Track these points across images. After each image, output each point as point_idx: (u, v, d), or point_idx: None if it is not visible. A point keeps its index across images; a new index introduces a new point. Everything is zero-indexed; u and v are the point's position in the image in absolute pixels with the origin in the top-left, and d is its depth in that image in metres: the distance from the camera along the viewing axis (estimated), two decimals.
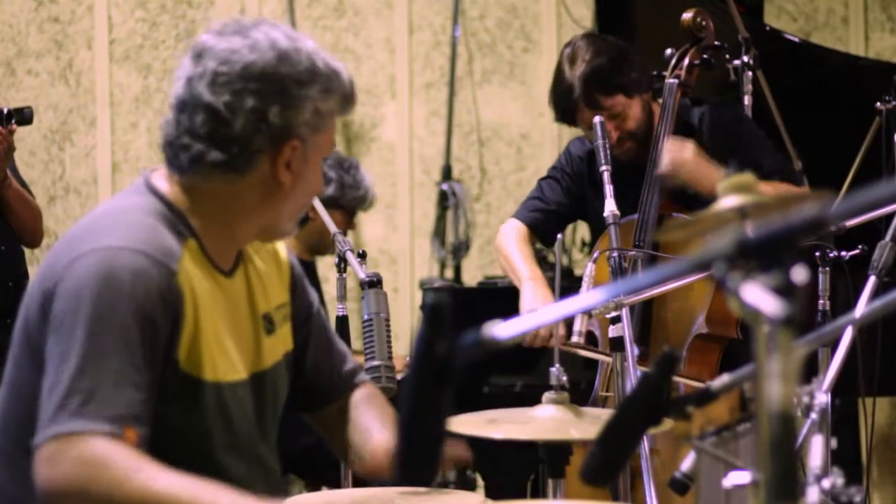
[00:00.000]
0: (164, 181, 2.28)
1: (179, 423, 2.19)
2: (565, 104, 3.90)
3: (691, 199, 3.84)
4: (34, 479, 2.05)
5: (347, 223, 5.02)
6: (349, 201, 5.00)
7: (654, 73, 4.06)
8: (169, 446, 2.15)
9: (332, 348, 2.54)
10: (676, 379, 3.64)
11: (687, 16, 4.09)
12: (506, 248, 4.04)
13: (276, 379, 2.39)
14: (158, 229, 2.20)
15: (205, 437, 2.23)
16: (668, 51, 4.07)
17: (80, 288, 2.11)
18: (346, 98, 2.27)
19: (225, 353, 2.25)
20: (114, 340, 2.08)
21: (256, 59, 2.19)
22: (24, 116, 4.43)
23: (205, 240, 2.26)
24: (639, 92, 3.93)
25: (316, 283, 5.37)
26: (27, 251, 4.72)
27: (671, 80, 4.02)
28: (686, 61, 4.04)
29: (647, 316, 3.86)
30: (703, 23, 4.09)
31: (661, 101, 4.02)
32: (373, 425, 2.49)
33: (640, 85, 3.93)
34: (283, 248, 2.48)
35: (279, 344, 2.40)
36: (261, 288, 2.38)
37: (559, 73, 3.92)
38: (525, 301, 3.84)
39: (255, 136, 2.19)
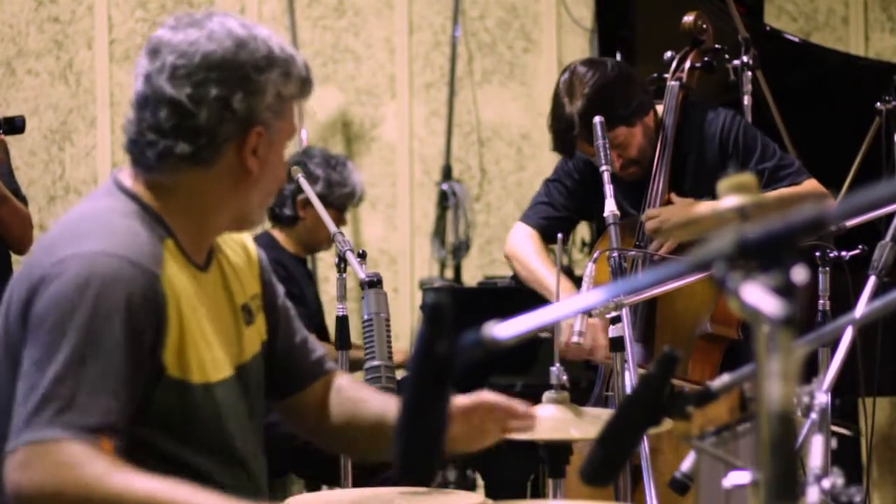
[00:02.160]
0: (131, 181, 2.27)
1: (171, 427, 2.19)
2: (565, 139, 3.85)
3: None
4: (5, 484, 2.02)
5: (338, 220, 5.02)
6: (337, 198, 5.00)
7: (655, 74, 4.06)
8: (159, 449, 2.15)
9: (301, 335, 2.54)
10: (679, 382, 3.64)
11: (688, 19, 4.10)
12: (527, 259, 4.01)
13: (258, 370, 2.40)
14: (138, 232, 2.19)
15: (196, 438, 2.22)
16: (668, 53, 4.07)
17: (60, 293, 2.09)
18: (305, 81, 2.28)
19: (211, 352, 2.25)
20: (94, 347, 2.06)
21: (215, 49, 2.19)
22: (14, 126, 4.27)
23: (180, 237, 2.25)
24: (640, 117, 3.89)
25: (311, 279, 5.37)
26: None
27: (673, 83, 4.02)
28: (687, 64, 4.05)
29: (651, 316, 3.86)
30: (704, 26, 4.10)
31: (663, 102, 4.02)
32: (369, 395, 2.50)
33: (641, 110, 3.88)
34: (251, 241, 2.48)
35: (256, 334, 2.41)
36: (236, 279, 2.38)
37: (558, 105, 3.84)
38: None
39: (221, 125, 2.19)
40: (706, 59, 4.08)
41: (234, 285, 2.37)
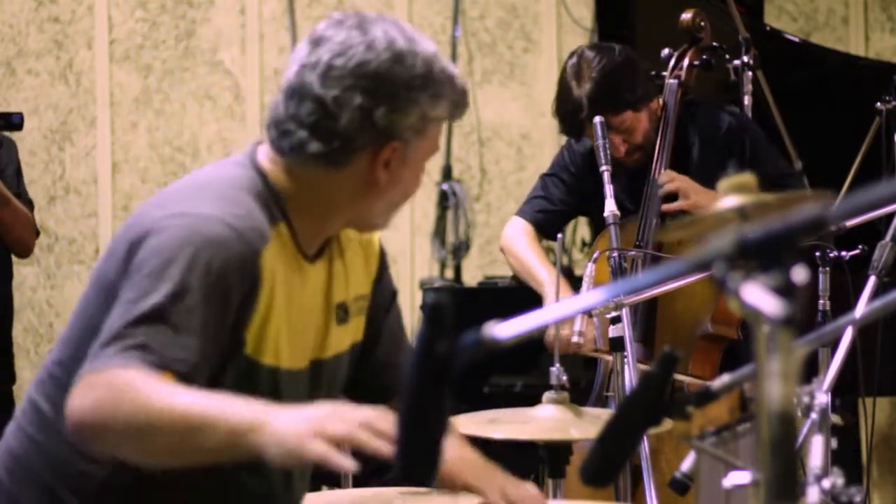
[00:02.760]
0: (266, 159, 2.28)
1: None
2: (573, 122, 3.86)
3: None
4: (66, 412, 2.04)
5: None
6: None
7: (653, 73, 4.06)
8: None
9: (403, 346, 2.54)
10: (683, 378, 3.65)
11: (686, 16, 4.10)
12: (519, 251, 4.01)
13: (336, 369, 2.39)
14: (252, 208, 2.21)
15: None
16: (665, 51, 4.07)
17: (163, 246, 2.12)
18: (456, 104, 2.27)
19: (291, 341, 2.25)
20: (180, 302, 2.08)
21: (371, 58, 2.18)
22: (11, 122, 4.21)
23: (295, 224, 2.26)
24: (646, 103, 3.90)
25: None
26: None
27: (672, 81, 4.02)
28: (686, 62, 4.05)
29: (651, 316, 3.85)
30: (702, 23, 4.10)
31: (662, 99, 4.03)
32: None
33: (647, 96, 3.90)
34: (377, 242, 2.47)
35: (348, 334, 2.40)
36: (343, 277, 2.37)
37: (565, 88, 3.86)
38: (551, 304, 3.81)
39: (359, 134, 2.19)
40: (704, 56, 4.08)
41: (337, 282, 2.36)
